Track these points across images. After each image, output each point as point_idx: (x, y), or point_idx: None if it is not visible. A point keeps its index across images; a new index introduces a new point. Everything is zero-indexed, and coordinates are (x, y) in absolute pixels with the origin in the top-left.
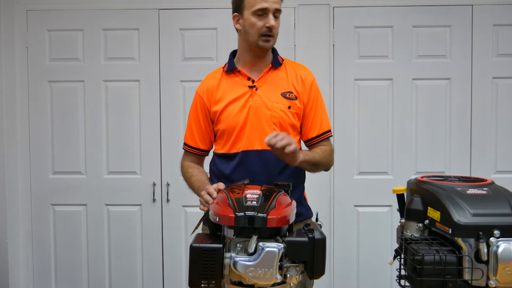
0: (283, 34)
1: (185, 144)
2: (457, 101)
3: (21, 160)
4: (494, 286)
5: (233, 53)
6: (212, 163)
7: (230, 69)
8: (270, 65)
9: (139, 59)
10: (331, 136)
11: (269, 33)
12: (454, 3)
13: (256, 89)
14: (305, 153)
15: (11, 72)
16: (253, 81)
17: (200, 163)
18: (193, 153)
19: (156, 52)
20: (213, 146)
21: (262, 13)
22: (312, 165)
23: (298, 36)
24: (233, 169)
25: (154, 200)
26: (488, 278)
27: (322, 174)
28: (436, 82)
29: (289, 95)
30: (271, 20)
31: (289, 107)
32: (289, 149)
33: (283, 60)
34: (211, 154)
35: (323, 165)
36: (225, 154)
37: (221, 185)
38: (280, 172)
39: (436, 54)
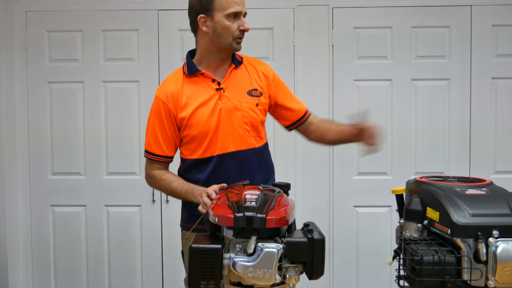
0: (283, 34)
1: (149, 153)
2: (456, 102)
3: (21, 161)
4: (493, 286)
5: (190, 54)
6: (182, 170)
7: (192, 72)
8: (233, 65)
9: (138, 60)
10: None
11: (242, 36)
12: (453, 4)
13: (224, 91)
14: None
15: (10, 73)
16: (219, 83)
17: (167, 169)
18: (160, 161)
19: (156, 53)
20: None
21: (235, 16)
22: None
23: (297, 37)
24: (210, 173)
25: (153, 200)
26: (487, 278)
27: (321, 174)
28: (435, 83)
29: (254, 92)
30: (245, 24)
31: (257, 105)
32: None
33: (241, 58)
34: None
35: None
36: (198, 160)
37: (223, 185)
38: (255, 169)
39: (435, 55)
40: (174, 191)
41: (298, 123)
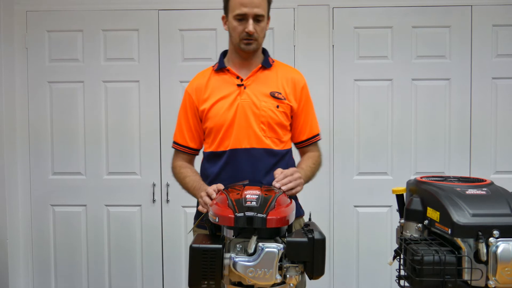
0: (283, 34)
1: (175, 143)
2: (456, 102)
3: (21, 160)
4: (493, 286)
5: (224, 53)
6: (202, 163)
7: (220, 68)
8: (260, 65)
9: (138, 59)
10: (320, 139)
11: (249, 38)
12: (453, 4)
13: (245, 88)
14: (303, 175)
15: (10, 73)
16: (241, 80)
17: (191, 162)
18: (184, 152)
19: (156, 53)
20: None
21: (241, 17)
22: (306, 182)
23: (297, 37)
24: (221, 167)
25: (154, 200)
26: (487, 278)
27: (321, 174)
28: (435, 83)
29: (277, 94)
30: (249, 26)
31: (278, 106)
32: (291, 192)
33: (273, 61)
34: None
35: (314, 175)
36: (213, 153)
37: (220, 186)
38: (268, 171)
39: (435, 55)
40: (186, 186)
41: (299, 145)
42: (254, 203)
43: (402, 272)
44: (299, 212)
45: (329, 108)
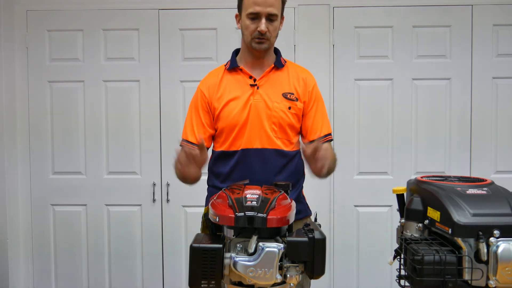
0: (283, 34)
1: (184, 140)
2: (457, 101)
3: (21, 160)
4: (494, 286)
5: (236, 52)
6: (211, 162)
7: (232, 67)
8: (273, 65)
9: (139, 59)
10: (332, 139)
11: (261, 37)
12: (454, 3)
13: (258, 88)
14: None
15: (11, 72)
16: (254, 80)
17: None
18: None
19: (156, 52)
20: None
21: (254, 16)
22: (327, 173)
23: (298, 36)
24: (232, 167)
25: (154, 200)
26: (488, 278)
27: None
28: (436, 82)
29: (290, 96)
30: (262, 25)
31: (289, 108)
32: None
33: (285, 61)
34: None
35: (330, 171)
36: (224, 152)
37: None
38: (279, 172)
39: (436, 54)
40: (177, 163)
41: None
42: (255, 202)
43: (403, 272)
44: (307, 212)
45: (330, 107)
